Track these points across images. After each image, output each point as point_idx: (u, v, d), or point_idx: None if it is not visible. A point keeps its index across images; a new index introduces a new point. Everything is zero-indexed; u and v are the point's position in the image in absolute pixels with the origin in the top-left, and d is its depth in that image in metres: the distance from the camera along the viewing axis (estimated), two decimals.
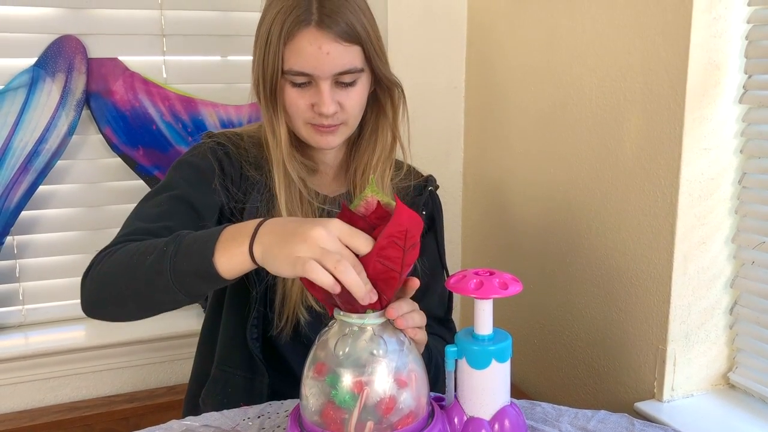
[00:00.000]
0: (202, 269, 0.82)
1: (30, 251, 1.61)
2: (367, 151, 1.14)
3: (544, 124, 1.54)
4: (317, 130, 1.06)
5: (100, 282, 0.91)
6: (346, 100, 1.04)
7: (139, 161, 1.61)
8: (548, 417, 0.98)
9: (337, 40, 0.99)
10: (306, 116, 1.05)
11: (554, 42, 1.49)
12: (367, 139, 1.14)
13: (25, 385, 1.57)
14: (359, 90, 1.05)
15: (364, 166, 1.13)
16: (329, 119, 1.04)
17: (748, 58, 1.21)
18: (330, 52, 0.99)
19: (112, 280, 0.90)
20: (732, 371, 1.33)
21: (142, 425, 0.96)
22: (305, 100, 1.03)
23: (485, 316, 0.81)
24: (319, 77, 1.01)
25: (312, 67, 1.00)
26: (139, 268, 0.86)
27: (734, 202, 1.27)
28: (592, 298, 1.44)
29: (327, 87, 1.01)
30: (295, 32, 0.99)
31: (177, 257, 0.83)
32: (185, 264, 0.83)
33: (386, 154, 1.14)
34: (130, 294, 0.89)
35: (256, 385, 1.09)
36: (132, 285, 0.88)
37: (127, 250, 0.90)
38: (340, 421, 0.76)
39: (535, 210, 1.60)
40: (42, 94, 1.52)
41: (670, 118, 1.22)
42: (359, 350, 0.77)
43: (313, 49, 0.98)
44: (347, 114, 1.05)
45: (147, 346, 1.65)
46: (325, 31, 0.98)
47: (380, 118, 1.13)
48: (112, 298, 0.91)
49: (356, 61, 1.02)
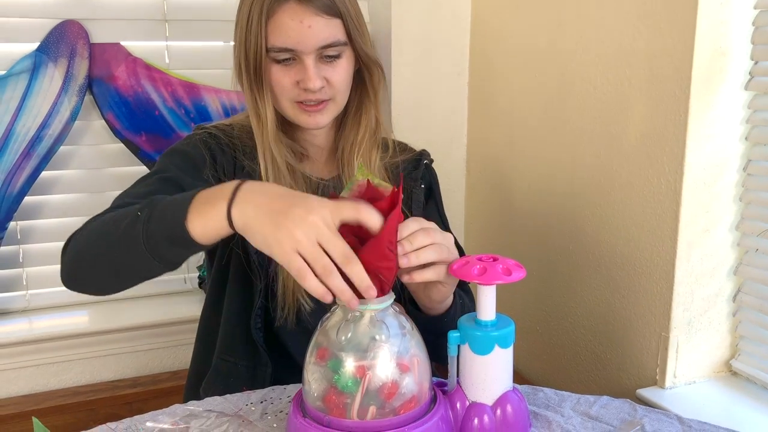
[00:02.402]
0: (175, 234, 0.80)
1: (33, 237, 1.61)
2: (353, 131, 1.14)
3: (548, 110, 1.54)
4: (304, 109, 1.06)
5: (77, 252, 0.91)
6: (332, 74, 1.04)
7: (141, 147, 1.60)
8: (550, 402, 0.98)
9: (318, 13, 1.00)
10: (292, 94, 1.04)
11: (558, 27, 1.48)
12: (352, 118, 1.14)
13: (29, 370, 1.58)
14: (344, 64, 1.05)
15: (350, 146, 1.13)
16: (315, 95, 1.03)
17: (755, 44, 1.20)
18: (312, 25, 1.00)
19: (87, 249, 0.89)
20: (734, 358, 1.33)
21: (145, 410, 0.97)
22: (290, 78, 1.03)
23: (488, 302, 0.81)
24: (303, 52, 1.01)
25: (295, 42, 1.00)
26: (112, 236, 0.85)
27: (739, 190, 1.26)
28: (595, 284, 1.43)
29: (311, 62, 1.02)
30: (275, 8, 0.99)
31: (150, 222, 0.82)
32: (158, 229, 0.81)
33: (371, 134, 1.14)
34: (105, 263, 0.88)
35: (258, 374, 1.09)
36: (107, 254, 0.87)
37: (103, 219, 0.90)
38: (343, 406, 0.76)
39: (538, 197, 1.60)
40: (44, 79, 1.52)
41: (675, 104, 1.21)
42: (361, 335, 0.77)
43: (295, 24, 0.99)
44: (334, 89, 1.05)
45: (150, 331, 1.65)
46: (305, 5, 0.99)
47: (364, 97, 1.13)
48: (88, 268, 0.90)
49: (338, 34, 1.03)
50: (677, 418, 0.93)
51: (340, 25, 1.03)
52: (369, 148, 1.14)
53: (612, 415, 0.95)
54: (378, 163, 1.14)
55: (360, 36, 1.06)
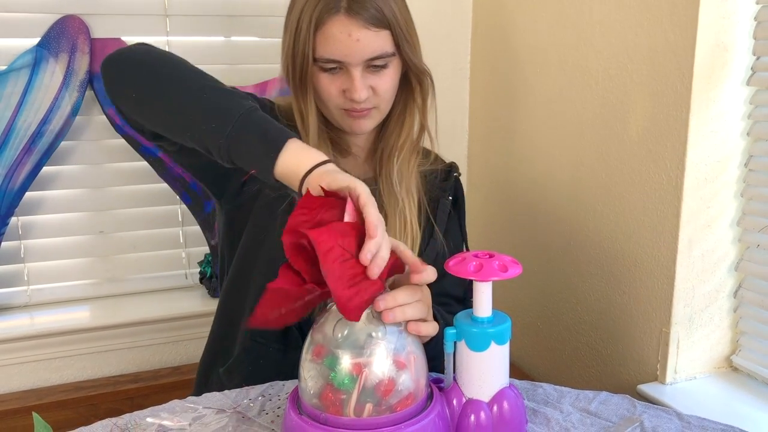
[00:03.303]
0: (269, 144, 0.84)
1: (35, 232, 1.62)
2: (394, 133, 1.13)
3: (550, 106, 1.53)
4: (350, 114, 1.06)
5: (151, 66, 0.93)
6: (379, 83, 1.04)
7: (142, 142, 1.60)
8: (550, 398, 0.98)
9: (366, 26, 0.99)
10: (338, 102, 1.05)
11: (560, 23, 1.47)
12: (395, 121, 1.13)
13: (30, 365, 1.58)
14: (390, 73, 1.05)
15: (390, 149, 1.13)
16: (361, 104, 1.04)
17: (757, 39, 1.19)
18: (360, 38, 0.99)
19: (162, 73, 0.92)
20: (735, 354, 1.32)
21: (146, 405, 0.97)
22: (336, 86, 1.04)
23: (484, 298, 0.81)
24: (350, 64, 1.01)
25: (342, 54, 1.00)
26: (203, 96, 0.89)
27: (740, 185, 1.25)
28: (596, 280, 1.43)
29: (358, 73, 1.01)
30: (325, 20, 0.99)
31: (243, 131, 0.85)
32: (261, 125, 0.85)
33: (413, 140, 1.13)
34: (173, 102, 0.90)
35: (289, 357, 1.08)
36: (181, 97, 0.90)
37: (191, 68, 0.94)
38: (339, 403, 0.76)
39: (539, 192, 1.59)
40: (45, 74, 1.52)
41: (677, 100, 1.20)
42: (357, 332, 0.77)
43: (343, 37, 0.99)
44: (379, 98, 1.06)
45: (151, 326, 1.65)
46: (354, 17, 0.98)
47: (409, 101, 1.12)
48: (149, 88, 0.92)
49: (386, 46, 1.02)
50: (676, 414, 0.93)
51: (388, 37, 1.02)
52: (409, 153, 1.13)
53: (611, 411, 0.94)
54: (415, 169, 1.14)
55: (409, 46, 1.05)
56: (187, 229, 1.73)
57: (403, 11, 1.05)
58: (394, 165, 1.11)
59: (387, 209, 1.10)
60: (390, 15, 1.01)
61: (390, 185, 1.11)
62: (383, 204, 1.11)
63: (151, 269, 1.74)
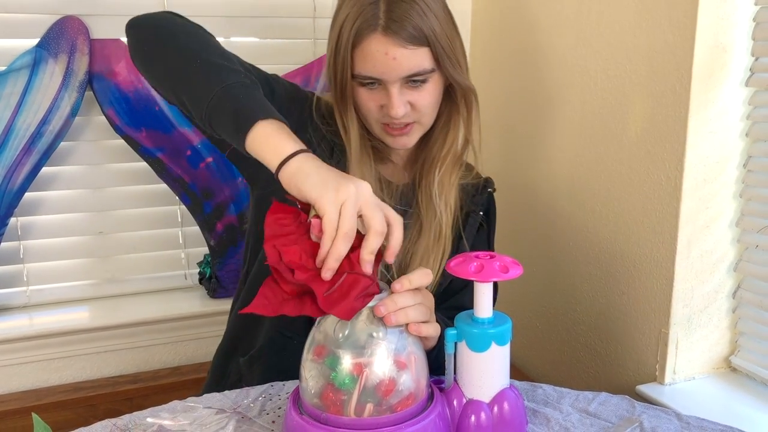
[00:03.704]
0: (238, 124, 0.83)
1: (34, 233, 1.62)
2: (437, 144, 1.11)
3: (548, 106, 1.53)
4: (390, 131, 1.05)
5: (161, 32, 0.96)
6: (418, 99, 1.02)
7: (142, 143, 1.60)
8: (549, 399, 0.98)
9: (403, 45, 0.97)
10: (377, 116, 1.04)
11: (559, 23, 1.47)
12: (438, 132, 1.11)
13: (29, 366, 1.58)
14: (430, 89, 1.03)
15: (432, 159, 1.11)
16: (400, 119, 1.02)
17: (756, 40, 1.19)
18: (396, 57, 0.97)
19: (169, 39, 0.95)
20: (734, 355, 1.33)
21: (145, 406, 0.97)
22: (375, 102, 1.03)
23: (485, 299, 0.81)
24: (387, 81, 1.00)
25: (379, 72, 0.99)
26: (210, 54, 0.91)
27: (739, 186, 1.26)
28: (595, 281, 1.43)
29: (395, 90, 1.00)
30: (362, 37, 0.98)
31: (234, 91, 0.85)
32: (234, 102, 0.84)
33: (457, 153, 1.11)
34: (168, 67, 0.93)
35: None
36: (176, 63, 0.92)
37: (209, 36, 0.97)
38: (340, 403, 0.76)
39: (538, 193, 1.60)
40: (45, 75, 1.52)
41: (676, 100, 1.20)
42: (358, 332, 0.77)
43: (380, 55, 0.98)
44: (419, 113, 1.04)
45: (150, 327, 1.65)
46: (391, 36, 0.97)
47: (453, 113, 1.10)
48: (153, 51, 0.96)
49: (425, 63, 0.99)
50: (675, 414, 0.93)
51: (427, 54, 0.99)
52: (451, 165, 1.11)
53: (610, 412, 0.95)
54: (456, 182, 1.12)
55: (450, 62, 1.02)
56: (187, 230, 1.74)
57: (446, 27, 1.01)
58: (435, 176, 1.09)
59: (423, 220, 1.09)
60: (429, 32, 0.98)
61: (429, 196, 1.09)
62: (420, 215, 1.10)
63: (151, 270, 1.74)
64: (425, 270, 0.84)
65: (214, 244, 1.68)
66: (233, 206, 1.68)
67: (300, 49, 1.72)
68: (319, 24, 1.72)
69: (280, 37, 1.71)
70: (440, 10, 1.01)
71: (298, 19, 1.71)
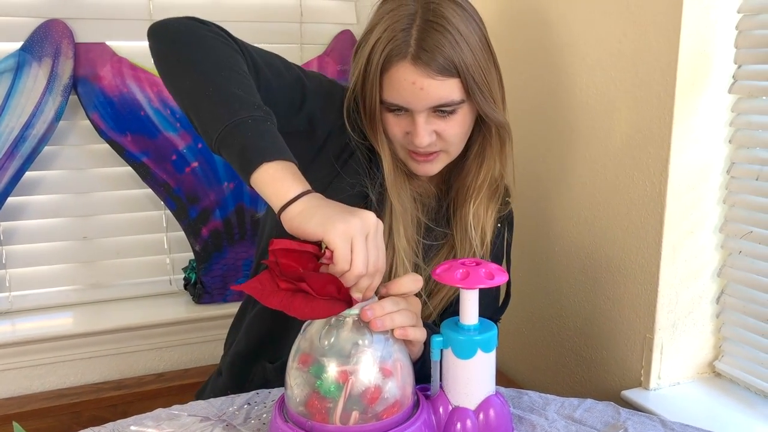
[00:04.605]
0: (243, 161, 0.81)
1: (17, 238, 1.60)
2: (471, 174, 1.08)
3: (533, 111, 1.54)
4: (414, 158, 1.02)
5: (197, 38, 0.92)
6: (445, 128, 0.98)
7: (127, 147, 1.59)
8: (535, 406, 0.98)
9: (432, 75, 0.93)
10: (403, 142, 1.02)
11: (545, 29, 1.48)
12: (471, 162, 1.08)
13: (12, 372, 1.57)
14: (459, 119, 0.99)
15: (466, 189, 1.08)
16: (426, 148, 1.00)
17: (738, 48, 1.20)
18: (424, 87, 0.94)
19: (195, 51, 0.91)
20: (718, 360, 1.33)
21: (130, 412, 0.96)
22: (401, 128, 1.00)
23: (471, 306, 0.81)
24: (414, 110, 0.97)
25: (406, 101, 0.96)
26: (224, 80, 0.87)
27: (722, 192, 1.27)
28: (580, 287, 1.44)
29: (421, 120, 0.97)
30: (391, 64, 0.95)
31: (246, 129, 0.82)
32: (242, 142, 0.82)
33: (492, 186, 1.09)
34: (182, 91, 0.90)
35: None
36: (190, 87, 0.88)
37: (228, 52, 0.92)
38: (325, 411, 0.76)
39: (523, 198, 1.60)
40: (28, 78, 1.51)
41: (660, 107, 1.21)
42: (344, 340, 0.77)
43: (408, 84, 0.94)
44: (446, 142, 1.00)
45: (135, 333, 1.64)
46: (420, 66, 0.93)
47: (486, 143, 1.07)
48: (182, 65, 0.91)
49: (453, 95, 0.96)
50: (660, 421, 0.94)
51: (457, 85, 0.95)
52: (487, 199, 1.08)
53: (596, 419, 0.95)
54: (493, 215, 1.10)
55: (482, 94, 0.97)
56: (172, 235, 1.73)
57: (481, 58, 0.97)
58: (470, 208, 1.07)
59: (458, 249, 1.08)
60: (460, 63, 0.94)
61: (464, 229, 1.07)
62: (455, 246, 1.08)
63: (135, 275, 1.73)
64: (415, 276, 0.84)
65: (199, 249, 1.67)
66: (218, 211, 1.67)
67: (287, 54, 1.69)
68: (306, 29, 1.73)
69: (267, 42, 1.70)
70: (476, 41, 0.97)
71: (285, 24, 1.71)
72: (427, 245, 1.09)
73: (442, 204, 1.12)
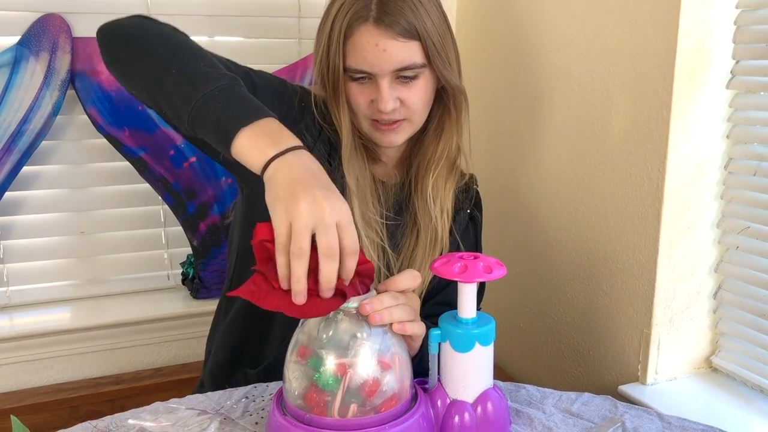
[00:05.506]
0: (221, 130, 0.80)
1: (14, 232, 1.60)
2: (430, 148, 1.10)
3: (532, 107, 1.54)
4: (378, 127, 1.04)
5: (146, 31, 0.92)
6: (408, 95, 1.01)
7: (124, 142, 1.59)
8: (533, 399, 0.99)
9: (394, 36, 0.97)
10: (367, 112, 1.03)
11: (543, 25, 1.48)
12: (431, 135, 1.11)
13: (9, 367, 1.56)
14: (421, 85, 1.02)
15: (426, 163, 1.10)
16: (389, 115, 1.02)
17: (736, 43, 1.21)
18: (387, 48, 0.97)
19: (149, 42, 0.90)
20: (715, 355, 1.34)
21: (128, 407, 0.96)
22: (365, 96, 1.02)
23: (469, 299, 0.82)
24: (378, 74, 0.99)
25: (370, 64, 0.98)
26: (182, 61, 0.87)
27: (720, 188, 1.27)
28: (578, 282, 1.44)
29: (385, 84, 1.00)
30: (353, 29, 0.98)
31: (218, 96, 0.82)
32: (217, 111, 0.81)
33: (450, 157, 1.11)
34: (144, 78, 0.89)
35: None
36: (152, 73, 0.88)
37: (183, 38, 0.92)
38: (324, 404, 0.76)
39: (521, 194, 1.60)
40: (26, 73, 1.50)
41: (658, 102, 1.21)
42: (342, 333, 0.77)
43: (371, 47, 0.97)
44: (409, 110, 1.03)
45: (133, 328, 1.64)
46: (382, 28, 0.97)
47: (445, 116, 1.10)
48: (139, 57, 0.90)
49: (415, 57, 0.99)
50: (657, 414, 0.94)
51: (418, 48, 0.99)
52: (446, 171, 1.11)
53: (593, 412, 0.95)
54: (452, 188, 1.12)
55: (441, 60, 1.01)
56: (170, 230, 1.72)
57: (439, 26, 1.01)
58: (429, 180, 1.09)
59: (420, 224, 1.10)
60: (421, 27, 0.98)
61: (424, 201, 1.09)
62: (417, 219, 1.10)
63: (133, 270, 1.73)
64: (413, 272, 0.85)
65: (197, 244, 1.67)
66: (216, 206, 1.67)
67: (285, 49, 1.71)
68: (304, 24, 1.72)
69: (265, 37, 1.70)
70: (434, 8, 1.01)
71: (283, 18, 1.71)
72: (392, 227, 1.10)
73: (404, 187, 1.14)
